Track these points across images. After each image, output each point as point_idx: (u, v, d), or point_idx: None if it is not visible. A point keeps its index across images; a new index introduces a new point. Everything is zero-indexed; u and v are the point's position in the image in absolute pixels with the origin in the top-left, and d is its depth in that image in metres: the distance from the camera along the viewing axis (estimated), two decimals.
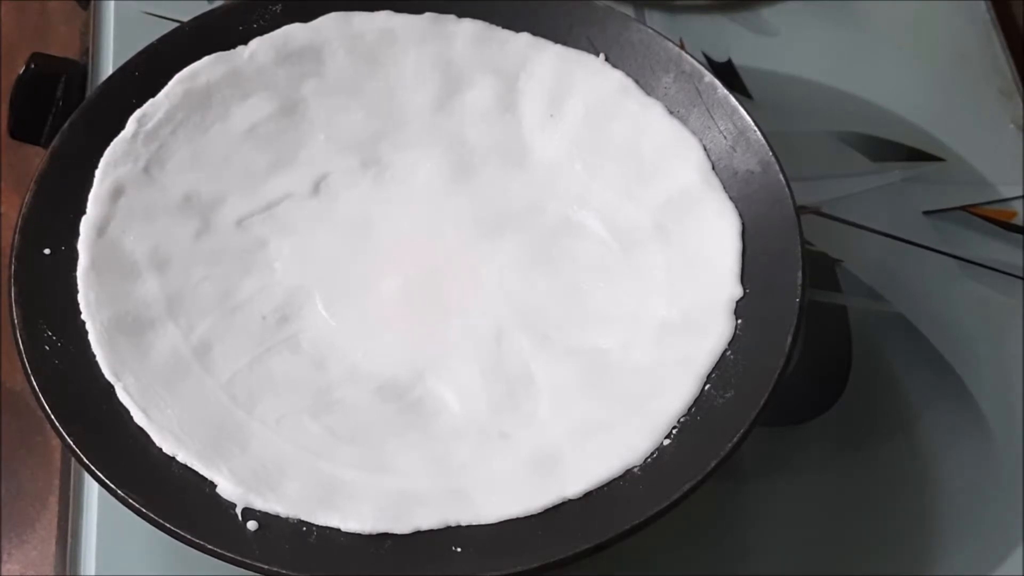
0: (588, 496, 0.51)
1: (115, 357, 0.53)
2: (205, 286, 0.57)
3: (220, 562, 0.48)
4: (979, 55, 0.75)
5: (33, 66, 0.70)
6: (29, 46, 0.79)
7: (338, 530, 0.50)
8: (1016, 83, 0.74)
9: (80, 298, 0.55)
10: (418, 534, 0.50)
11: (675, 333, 0.56)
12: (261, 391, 0.54)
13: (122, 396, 0.52)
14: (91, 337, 0.54)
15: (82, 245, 0.56)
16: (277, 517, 0.50)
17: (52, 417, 0.50)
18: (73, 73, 0.71)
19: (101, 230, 0.57)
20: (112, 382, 0.53)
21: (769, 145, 0.58)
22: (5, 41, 0.84)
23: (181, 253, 0.57)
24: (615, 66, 0.62)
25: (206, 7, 0.65)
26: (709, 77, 0.60)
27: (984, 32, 0.76)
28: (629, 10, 0.75)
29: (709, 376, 0.54)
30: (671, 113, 0.61)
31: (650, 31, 0.62)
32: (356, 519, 0.50)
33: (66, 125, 0.58)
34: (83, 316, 0.54)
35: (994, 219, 0.69)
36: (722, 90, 0.60)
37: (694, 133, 0.60)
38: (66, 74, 0.70)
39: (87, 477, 0.55)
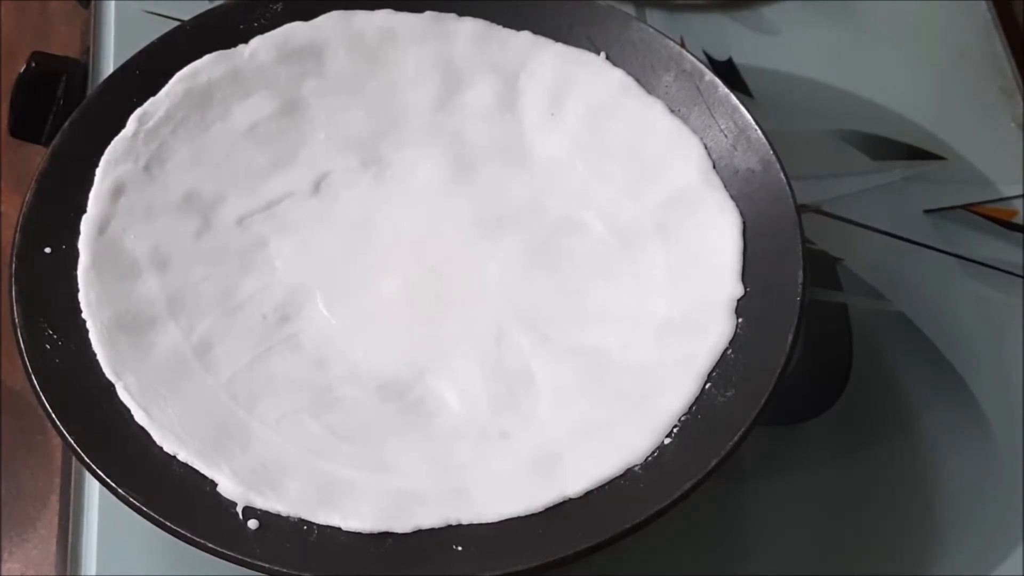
0: (589, 495, 0.51)
1: (116, 356, 0.53)
2: (205, 285, 0.57)
3: (221, 561, 0.48)
4: (980, 54, 0.75)
5: (34, 65, 0.70)
6: (29, 46, 0.80)
7: (339, 529, 0.50)
8: (1017, 82, 0.74)
9: (80, 297, 0.55)
10: (419, 533, 0.50)
11: (676, 332, 0.56)
12: (262, 390, 0.54)
13: (123, 395, 0.52)
14: (92, 336, 0.54)
15: (83, 244, 0.56)
16: (278, 516, 0.50)
17: (53, 416, 0.50)
18: (74, 72, 0.71)
19: (102, 229, 0.57)
20: (113, 381, 0.53)
21: (770, 143, 0.58)
22: (5, 41, 0.84)
23: (182, 252, 0.57)
24: (616, 65, 0.62)
25: (207, 6, 0.65)
26: (710, 75, 0.60)
27: (984, 31, 0.76)
28: (630, 9, 0.75)
29: (710, 375, 0.54)
30: (672, 112, 0.61)
31: (651, 30, 0.62)
32: (357, 518, 0.50)
33: (67, 124, 0.58)
34: (84, 315, 0.54)
35: (995, 218, 0.69)
36: (723, 88, 0.60)
37: (695, 132, 0.60)
38: (67, 73, 0.70)
39: (88, 476, 0.55)
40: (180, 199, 0.58)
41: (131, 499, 0.48)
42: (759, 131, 0.58)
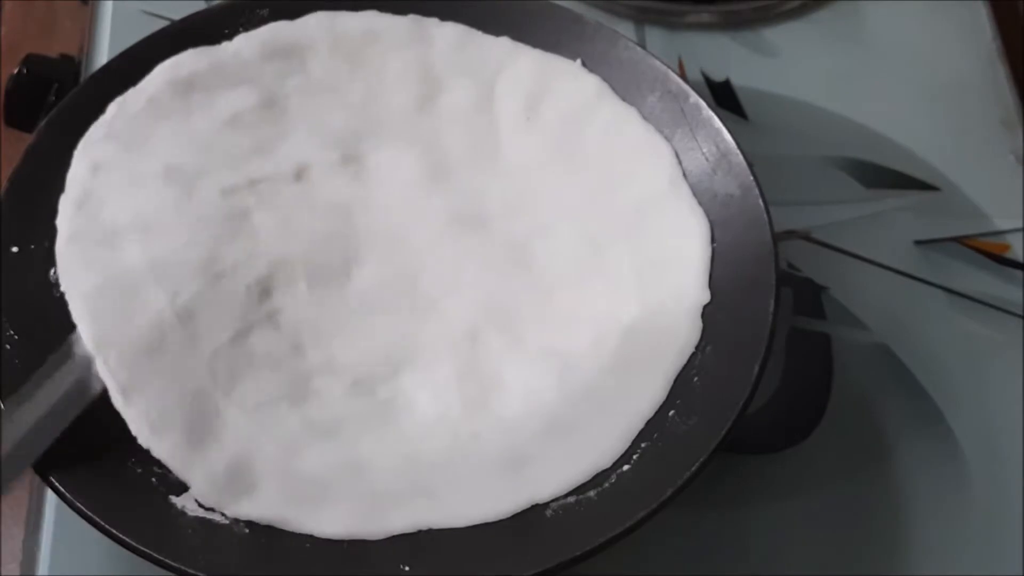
0: (543, 517, 0.50)
1: (97, 328, 0.53)
2: (188, 251, 0.56)
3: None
4: (983, 85, 0.74)
5: (25, 71, 0.70)
6: (35, 40, 0.80)
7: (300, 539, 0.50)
8: (1019, 115, 0.72)
9: (59, 271, 0.55)
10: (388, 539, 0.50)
11: (644, 335, 0.55)
12: (241, 371, 0.54)
13: (102, 371, 0.52)
14: (72, 308, 0.53)
15: (61, 221, 0.56)
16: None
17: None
18: (67, 74, 0.71)
19: (80, 204, 0.56)
20: (93, 355, 0.52)
21: (751, 169, 0.57)
22: (10, 35, 0.85)
23: (163, 219, 0.57)
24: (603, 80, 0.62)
25: (203, 7, 0.65)
26: (694, 97, 0.60)
27: (989, 62, 0.75)
28: (629, 26, 0.75)
29: (674, 402, 0.53)
30: (645, 118, 0.60)
31: (638, 49, 0.62)
32: (331, 524, 0.50)
33: (43, 124, 0.58)
34: (63, 287, 0.54)
35: (986, 251, 0.67)
36: (707, 111, 0.59)
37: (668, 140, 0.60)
38: (58, 80, 0.70)
39: None
40: (161, 171, 0.58)
41: (78, 504, 0.48)
42: (740, 155, 0.58)
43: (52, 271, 0.55)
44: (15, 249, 0.55)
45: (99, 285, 0.54)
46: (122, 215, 0.56)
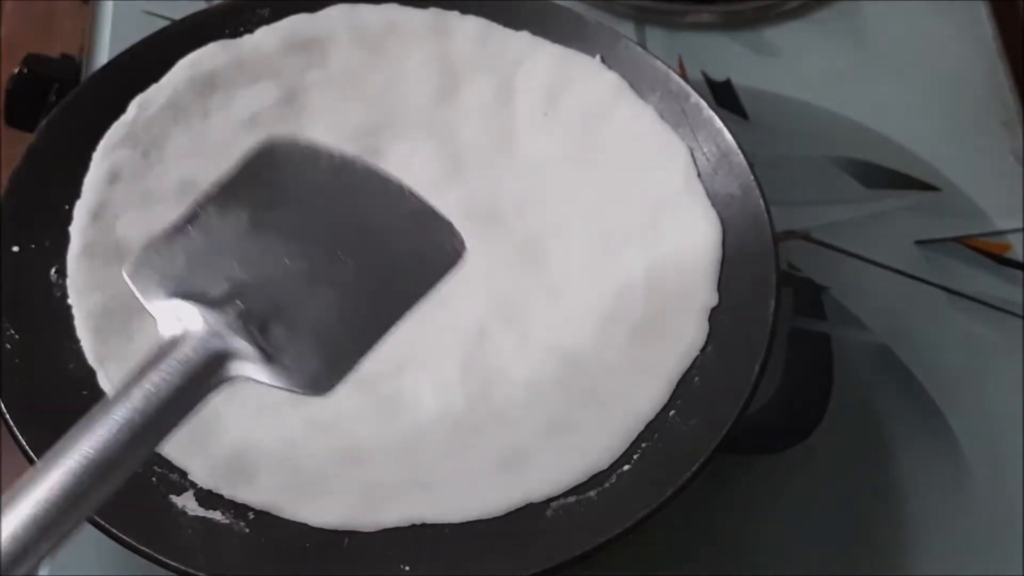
0: (542, 515, 0.50)
1: (100, 342, 0.54)
2: None
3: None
4: (983, 85, 0.74)
5: (26, 71, 0.69)
6: (35, 40, 0.80)
7: (299, 529, 0.50)
8: (1019, 115, 0.72)
9: (68, 283, 0.55)
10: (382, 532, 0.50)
11: (650, 336, 0.55)
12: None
13: (103, 383, 0.52)
14: (77, 322, 0.54)
15: (75, 229, 0.56)
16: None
17: (7, 418, 0.50)
18: (67, 74, 0.70)
19: (95, 215, 0.57)
20: (95, 368, 0.53)
21: (751, 169, 0.57)
22: (10, 36, 0.84)
23: None
24: None
25: (203, 7, 0.65)
26: (695, 97, 0.60)
27: (989, 62, 0.75)
28: (630, 26, 0.75)
29: (676, 403, 0.53)
30: (662, 117, 0.60)
31: (639, 48, 0.62)
32: (326, 513, 0.50)
33: (43, 123, 0.58)
34: (70, 300, 0.55)
35: (987, 251, 0.67)
36: (707, 111, 0.59)
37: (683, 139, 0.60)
38: (59, 81, 0.70)
39: None
40: (176, 186, 0.58)
41: None
42: (741, 155, 0.58)
43: (52, 271, 0.56)
44: (15, 249, 0.55)
45: (104, 303, 0.55)
46: (134, 232, 0.57)
